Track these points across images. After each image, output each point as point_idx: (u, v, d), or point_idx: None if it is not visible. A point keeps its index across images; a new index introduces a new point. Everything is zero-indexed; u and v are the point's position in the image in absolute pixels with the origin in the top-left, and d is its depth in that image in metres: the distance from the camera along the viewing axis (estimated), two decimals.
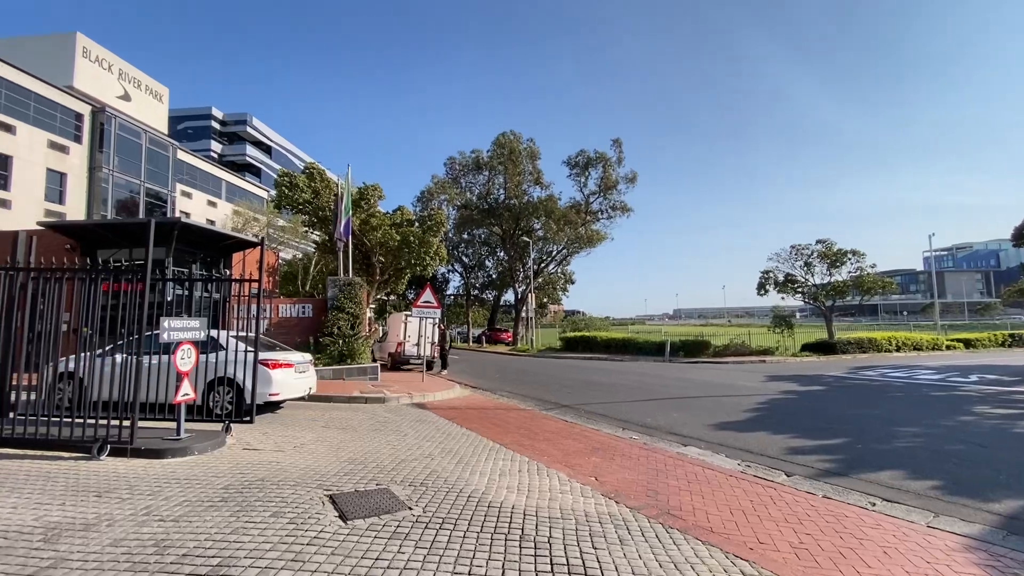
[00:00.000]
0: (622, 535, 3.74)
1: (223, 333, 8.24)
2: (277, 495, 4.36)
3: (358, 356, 14.85)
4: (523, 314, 40.80)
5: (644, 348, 25.74)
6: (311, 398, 10.11)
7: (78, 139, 29.77)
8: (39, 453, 5.61)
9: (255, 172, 60.55)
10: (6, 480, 4.68)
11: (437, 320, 17.99)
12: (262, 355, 7.52)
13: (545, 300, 49.14)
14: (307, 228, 24.93)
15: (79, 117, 30.01)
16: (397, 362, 19.56)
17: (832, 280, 27.50)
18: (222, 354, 7.86)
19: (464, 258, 48.36)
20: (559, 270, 46.41)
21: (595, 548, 3.49)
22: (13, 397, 6.21)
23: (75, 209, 28.87)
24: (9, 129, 25.87)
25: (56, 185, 28.31)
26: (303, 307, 15.69)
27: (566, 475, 5.31)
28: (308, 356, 9.74)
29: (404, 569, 3.06)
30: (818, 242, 27.77)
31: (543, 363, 24.03)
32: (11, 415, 6.09)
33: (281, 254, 30.80)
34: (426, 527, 3.73)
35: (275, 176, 23.20)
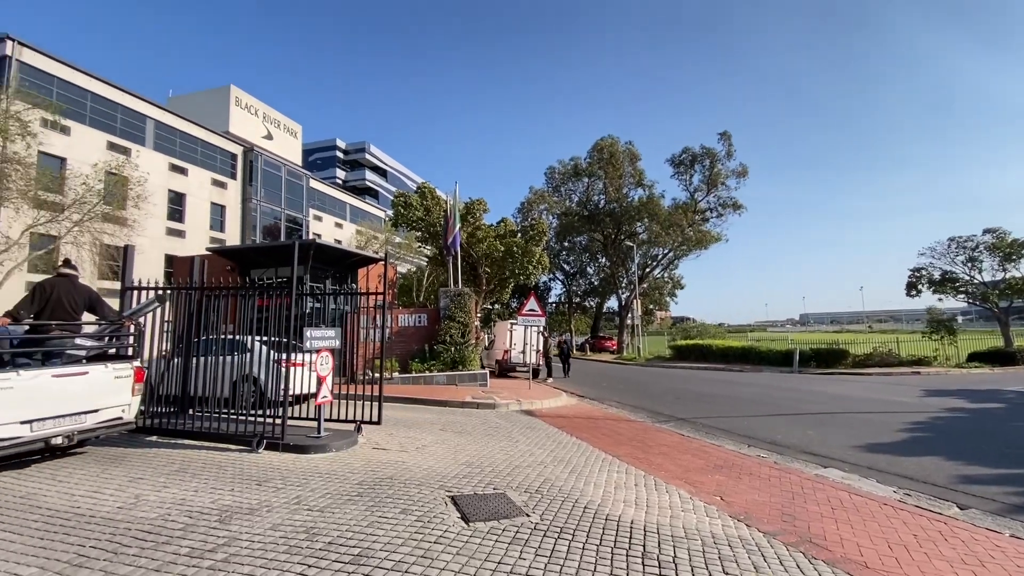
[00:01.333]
0: (756, 562, 3.42)
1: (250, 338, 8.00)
2: (404, 493, 4.65)
3: (468, 363, 15.46)
4: (628, 321, 39.65)
5: (767, 357, 23.61)
6: (432, 402, 10.72)
7: (233, 175, 34.98)
8: (211, 445, 6.58)
9: (373, 194, 66.28)
10: (189, 467, 5.55)
11: (541, 328, 18.15)
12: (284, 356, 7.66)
13: (651, 306, 47.27)
14: (420, 243, 26.62)
15: (234, 157, 35.29)
16: (504, 369, 20.04)
17: (1008, 277, 23.02)
18: (247, 355, 7.70)
19: (565, 265, 48.35)
20: (665, 274, 44.41)
21: (726, 573, 3.23)
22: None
23: (232, 235, 33.85)
24: (183, 172, 31.15)
25: (217, 216, 33.45)
26: (419, 317, 16.74)
27: (687, 492, 5.01)
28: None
29: (526, 575, 3.09)
30: (986, 232, 23.54)
31: (652, 372, 23.08)
32: (190, 412, 7.26)
33: (397, 268, 33.27)
34: (545, 535, 3.73)
35: (391, 197, 25.21)
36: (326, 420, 6.87)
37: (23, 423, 4.97)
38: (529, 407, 11.16)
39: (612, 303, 48.09)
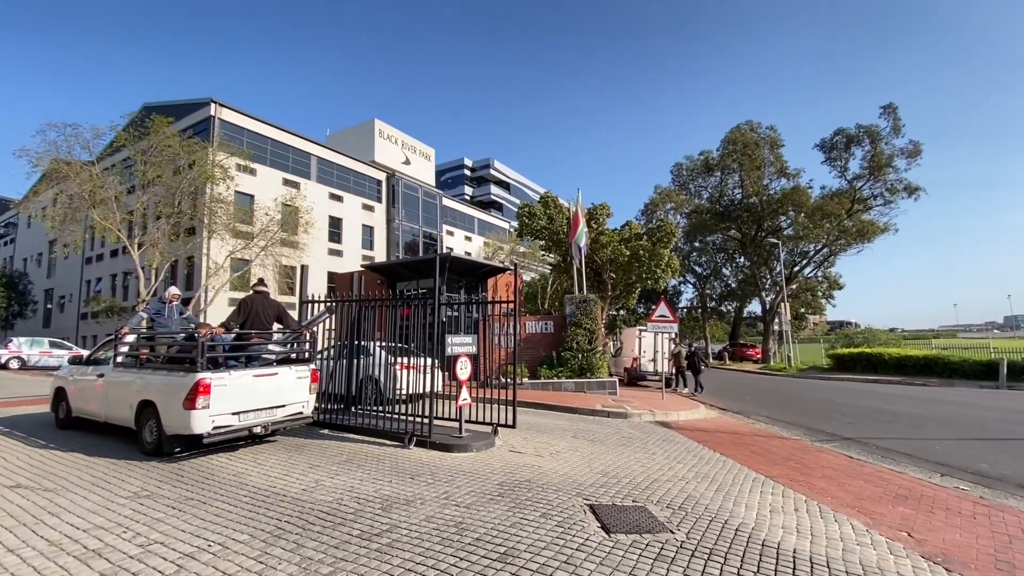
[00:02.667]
0: None
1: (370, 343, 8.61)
2: (543, 497, 4.73)
3: (596, 370, 15.26)
4: (774, 327, 35.79)
5: (960, 369, 19.62)
6: (562, 408, 10.80)
7: (379, 199, 39.15)
8: (370, 440, 7.38)
9: (498, 207, 69.23)
10: (354, 458, 6.29)
11: (673, 335, 17.21)
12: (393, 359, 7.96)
13: (802, 310, 42.12)
14: (544, 252, 27.08)
15: (379, 183, 39.53)
16: (633, 377, 19.40)
17: None
18: (369, 359, 8.49)
19: (696, 267, 45.37)
20: (819, 273, 39.21)
21: None
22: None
23: (379, 252, 37.83)
24: (339, 199, 35.68)
25: (367, 236, 37.65)
26: (545, 324, 17.00)
27: (862, 524, 4.34)
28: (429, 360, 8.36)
29: None
30: None
31: (806, 384, 20.56)
32: (353, 409, 8.24)
33: (523, 277, 34.25)
34: (692, 555, 3.51)
35: (515, 209, 26.10)
36: (466, 422, 7.29)
37: (233, 414, 6.09)
38: (664, 418, 10.64)
39: (754, 307, 43.87)
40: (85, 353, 8.48)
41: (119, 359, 7.09)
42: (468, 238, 49.33)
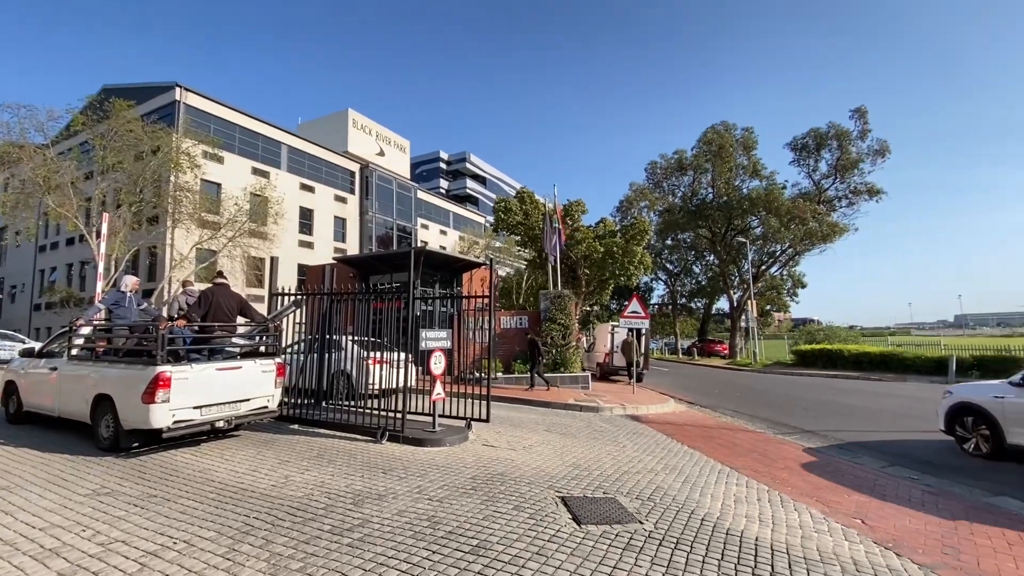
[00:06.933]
0: None
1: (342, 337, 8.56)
2: (515, 490, 4.78)
3: (570, 365, 15.43)
4: (741, 323, 36.84)
5: (913, 365, 20.63)
6: (535, 403, 10.88)
7: (352, 191, 38.43)
8: (341, 434, 7.28)
9: (474, 202, 68.95)
10: (325, 453, 6.20)
11: (645, 330, 17.53)
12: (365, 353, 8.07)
13: (768, 307, 43.44)
14: (520, 247, 27.14)
15: (352, 174, 38.79)
16: (605, 372, 19.67)
17: None
18: (340, 353, 8.37)
19: (668, 265, 46.24)
20: (784, 272, 40.48)
21: None
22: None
23: (352, 244, 37.18)
24: (311, 190, 34.87)
25: (339, 228, 36.95)
26: (520, 319, 17.06)
27: (820, 512, 4.54)
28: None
29: None
30: None
31: (770, 379, 21.25)
32: (324, 404, 8.12)
33: (498, 272, 34.25)
34: (660, 544, 3.61)
35: (491, 204, 26.03)
36: (439, 416, 7.27)
37: (195, 408, 5.91)
38: (635, 412, 10.85)
39: (722, 304, 45.00)
40: (38, 346, 8.10)
41: (74, 351, 6.80)
42: (443, 232, 48.98)
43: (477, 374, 10.01)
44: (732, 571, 3.24)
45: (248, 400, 6.55)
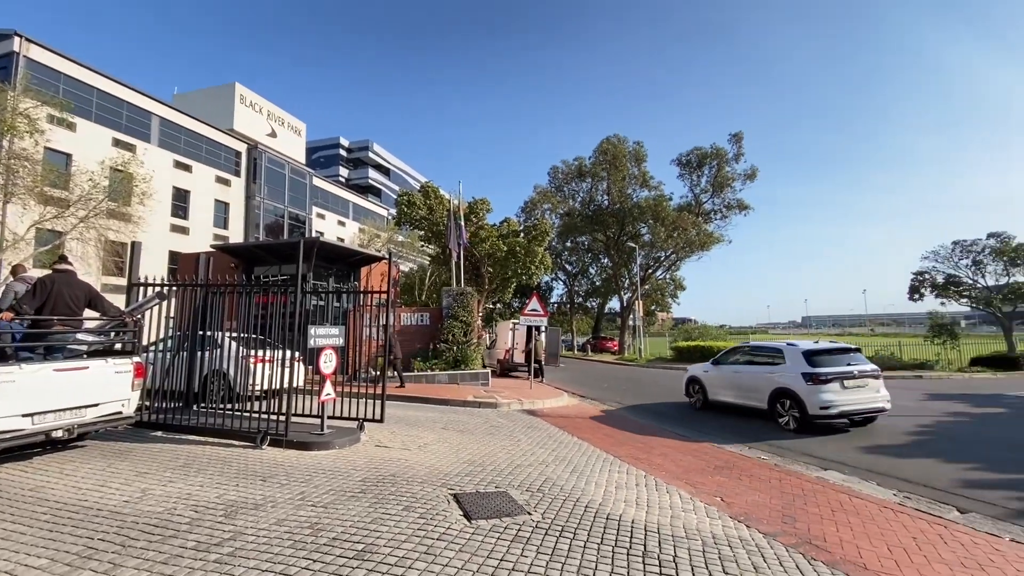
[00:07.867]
0: (756, 562, 3.45)
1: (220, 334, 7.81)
2: (407, 491, 4.69)
3: (471, 362, 15.49)
4: (629, 322, 39.62)
5: None
6: (434, 400, 10.74)
7: (237, 173, 35.07)
8: (215, 441, 6.62)
9: (376, 193, 66.30)
10: (193, 462, 5.60)
11: (542, 328, 18.15)
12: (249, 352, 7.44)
13: (653, 307, 47.28)
14: (423, 243, 26.68)
15: (238, 155, 35.38)
16: (505, 368, 20.07)
17: (1011, 281, 22.98)
18: (217, 351, 7.69)
19: (567, 266, 48.29)
20: (667, 276, 44.28)
21: (726, 573, 3.26)
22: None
23: (236, 232, 33.92)
24: (187, 168, 31.24)
25: (221, 213, 33.55)
26: (422, 316, 16.78)
27: (687, 493, 5.04)
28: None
29: (528, 573, 3.12)
30: (991, 236, 23.51)
31: (653, 374, 23.08)
32: (194, 407, 7.31)
33: (400, 267, 33.32)
34: (546, 533, 3.77)
35: (394, 196, 25.27)
36: (329, 418, 6.90)
37: (24, 416, 5.00)
38: (531, 407, 11.19)
39: (614, 304, 48.03)
40: None
41: None
42: (342, 223, 46.53)
43: (373, 372, 9.66)
44: (610, 553, 3.47)
45: (96, 405, 5.68)
